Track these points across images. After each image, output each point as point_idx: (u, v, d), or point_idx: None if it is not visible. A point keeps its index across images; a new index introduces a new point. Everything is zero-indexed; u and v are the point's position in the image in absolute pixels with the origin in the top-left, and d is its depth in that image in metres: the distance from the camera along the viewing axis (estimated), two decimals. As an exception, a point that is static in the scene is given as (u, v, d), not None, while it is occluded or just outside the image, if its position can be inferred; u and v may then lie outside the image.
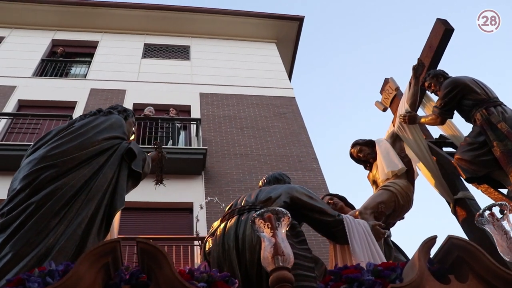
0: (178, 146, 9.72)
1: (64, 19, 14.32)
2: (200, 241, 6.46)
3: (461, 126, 5.26)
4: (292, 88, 12.96)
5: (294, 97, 12.52)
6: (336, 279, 2.48)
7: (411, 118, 5.12)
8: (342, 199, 4.90)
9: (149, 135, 9.63)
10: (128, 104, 11.22)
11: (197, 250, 7.05)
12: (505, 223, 2.64)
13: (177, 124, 10.32)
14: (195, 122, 10.43)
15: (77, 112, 10.84)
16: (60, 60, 13.15)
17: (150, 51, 14.04)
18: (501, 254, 2.59)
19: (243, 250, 2.97)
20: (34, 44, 13.59)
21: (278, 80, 13.13)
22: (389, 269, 2.47)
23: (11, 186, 3.36)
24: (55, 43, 14.05)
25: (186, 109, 11.51)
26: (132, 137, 4.46)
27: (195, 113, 11.23)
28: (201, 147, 9.55)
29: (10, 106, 10.92)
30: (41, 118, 10.08)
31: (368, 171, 5.45)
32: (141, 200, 8.51)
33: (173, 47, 14.28)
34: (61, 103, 11.37)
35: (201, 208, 3.89)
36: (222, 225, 3.32)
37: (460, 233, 4.64)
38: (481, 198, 4.54)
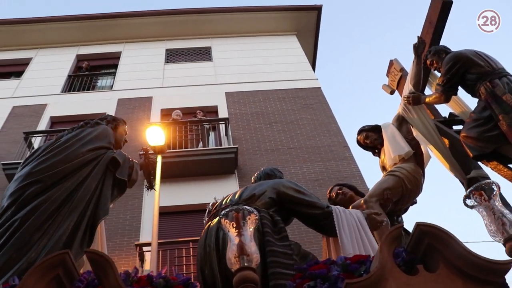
0: (209, 147, 9.75)
1: (86, 34, 14.60)
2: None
3: (470, 102, 5.02)
4: (317, 79, 12.85)
5: (320, 87, 12.40)
6: (304, 276, 2.39)
7: (415, 99, 4.92)
8: (352, 188, 4.81)
9: (179, 139, 9.69)
10: (155, 110, 11.36)
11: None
12: (493, 203, 2.48)
13: (206, 126, 10.35)
14: (223, 122, 10.45)
15: (107, 123, 11.01)
16: (86, 74, 13.41)
17: (172, 56, 14.15)
18: (491, 236, 2.46)
19: (223, 250, 2.87)
20: (60, 62, 13.89)
21: (302, 72, 13.03)
22: (358, 262, 2.36)
23: (1, 203, 3.39)
24: (79, 58, 14.32)
25: (213, 110, 11.56)
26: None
27: (223, 113, 11.26)
28: (232, 146, 9.57)
29: (43, 124, 11.20)
30: (74, 132, 10.26)
31: (378, 158, 5.26)
32: (177, 204, 8.63)
33: (194, 50, 14.36)
34: (91, 116, 11.46)
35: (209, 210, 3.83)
36: (206, 226, 3.28)
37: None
38: (495, 176, 4.30)
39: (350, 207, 4.31)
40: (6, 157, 9.66)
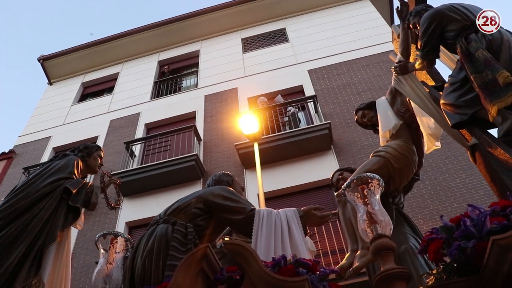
0: (301, 127, 9.67)
1: (163, 39, 15.13)
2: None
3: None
4: (399, 39, 12.29)
5: (404, 47, 11.85)
6: None
7: (402, 68, 4.44)
8: (354, 171, 4.49)
9: (271, 124, 9.73)
10: (243, 100, 11.49)
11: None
12: (370, 200, 2.36)
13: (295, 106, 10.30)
14: (311, 100, 10.34)
15: (198, 121, 11.35)
16: (170, 78, 13.87)
17: (249, 44, 14.21)
18: (361, 235, 2.35)
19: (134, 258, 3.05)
20: (144, 71, 14.51)
21: (382, 35, 12.49)
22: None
23: None
24: (161, 64, 14.87)
25: (299, 90, 11.48)
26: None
27: (309, 91, 11.13)
28: (324, 122, 9.45)
29: (139, 132, 11.76)
30: (169, 135, 10.71)
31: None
32: (281, 188, 8.71)
33: (269, 34, 14.32)
34: (182, 116, 11.98)
35: None
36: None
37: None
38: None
39: (336, 194, 4.20)
40: (113, 167, 10.26)
